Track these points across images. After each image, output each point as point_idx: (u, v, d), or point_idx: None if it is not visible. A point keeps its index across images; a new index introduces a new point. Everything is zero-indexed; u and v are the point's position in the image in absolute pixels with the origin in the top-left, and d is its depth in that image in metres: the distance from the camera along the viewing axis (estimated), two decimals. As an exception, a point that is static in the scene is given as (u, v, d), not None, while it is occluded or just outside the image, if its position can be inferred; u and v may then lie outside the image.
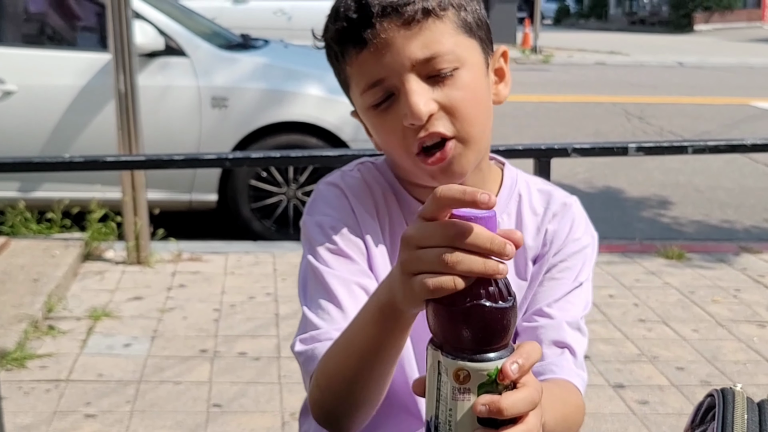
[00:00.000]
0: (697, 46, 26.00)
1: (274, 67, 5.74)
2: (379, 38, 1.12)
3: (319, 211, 1.27)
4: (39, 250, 4.72)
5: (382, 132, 1.20)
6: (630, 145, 2.15)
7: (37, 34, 5.81)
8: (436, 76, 1.14)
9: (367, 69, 1.14)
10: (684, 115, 11.34)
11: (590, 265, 1.34)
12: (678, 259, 5.10)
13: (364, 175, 1.31)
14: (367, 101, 1.18)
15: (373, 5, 1.12)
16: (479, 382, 0.83)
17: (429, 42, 1.13)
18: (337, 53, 1.20)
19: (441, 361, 0.84)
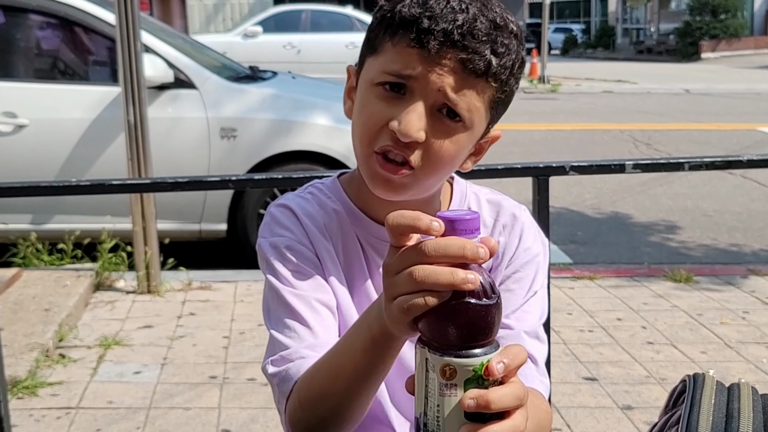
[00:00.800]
0: (704, 73, 26.06)
1: (282, 97, 5.81)
2: (436, 55, 1.13)
3: (272, 232, 1.30)
4: (51, 281, 4.77)
5: (367, 109, 1.20)
6: (627, 162, 2.18)
7: (49, 68, 5.89)
8: (444, 116, 1.17)
9: (407, 62, 1.15)
10: (691, 141, 11.36)
11: (543, 273, 1.35)
12: (686, 282, 5.11)
13: (315, 197, 1.34)
14: (381, 78, 1.18)
15: (459, 27, 1.12)
16: (465, 377, 0.85)
17: (463, 92, 1.15)
18: (389, 26, 1.18)
19: (428, 358, 0.87)
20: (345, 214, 1.32)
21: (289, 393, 1.17)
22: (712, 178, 8.57)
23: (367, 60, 1.24)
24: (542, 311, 1.33)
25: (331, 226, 1.30)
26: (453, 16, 1.13)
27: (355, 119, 1.24)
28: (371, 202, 1.30)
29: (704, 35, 34.68)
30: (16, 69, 5.67)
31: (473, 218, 0.87)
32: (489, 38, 1.14)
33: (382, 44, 1.19)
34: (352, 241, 1.30)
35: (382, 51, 1.19)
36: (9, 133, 5.24)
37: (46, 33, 5.92)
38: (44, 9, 5.54)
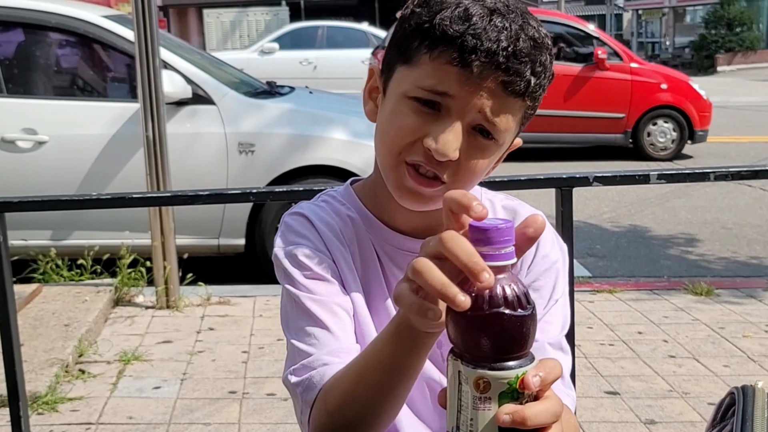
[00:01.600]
0: (721, 86, 25.93)
1: (300, 112, 5.82)
2: (480, 75, 1.11)
3: (288, 241, 1.28)
4: (70, 296, 4.78)
5: (399, 120, 1.17)
6: (651, 172, 2.16)
7: (68, 85, 5.94)
8: (479, 135, 1.15)
9: (446, 80, 1.12)
10: (710, 154, 11.31)
11: (564, 280, 1.31)
12: (707, 295, 5.07)
13: (329, 204, 1.33)
14: (415, 92, 1.15)
15: (503, 49, 1.10)
16: (500, 390, 0.83)
17: (501, 113, 1.13)
18: (428, 38, 1.14)
19: (461, 370, 0.85)
20: (360, 220, 1.30)
21: (314, 402, 1.14)
22: (731, 191, 8.52)
23: (398, 67, 1.20)
24: (564, 321, 1.30)
25: (346, 233, 1.28)
26: (497, 35, 1.10)
27: (384, 127, 1.21)
28: (387, 210, 1.28)
29: (720, 48, 34.59)
30: (35, 86, 5.72)
31: (507, 228, 0.85)
32: (530, 58, 1.12)
33: (417, 56, 1.15)
34: (367, 247, 1.29)
35: (417, 63, 1.16)
36: (29, 150, 5.27)
37: (65, 50, 5.97)
38: (64, 26, 5.58)
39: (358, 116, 5.98)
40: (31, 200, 2.21)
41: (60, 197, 2.26)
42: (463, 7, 1.12)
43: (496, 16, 1.12)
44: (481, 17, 1.11)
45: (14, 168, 5.27)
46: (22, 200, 2.23)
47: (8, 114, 5.35)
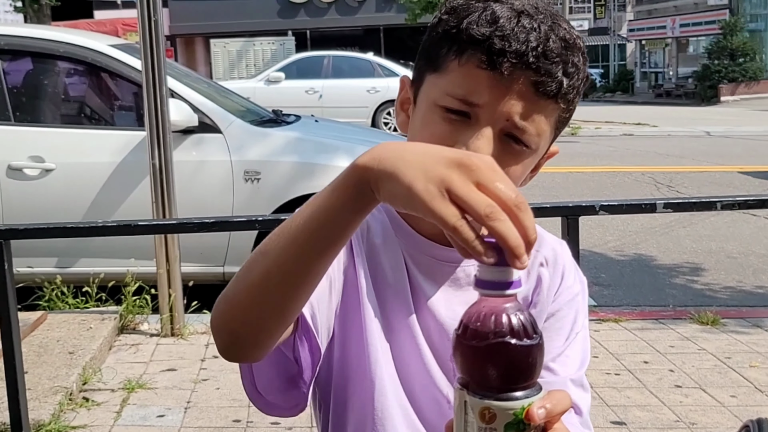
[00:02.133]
0: (724, 116, 26.02)
1: (305, 140, 5.84)
2: (510, 78, 1.09)
3: None
4: (75, 324, 4.78)
5: (429, 129, 1.14)
6: (658, 201, 2.16)
7: (75, 113, 5.98)
8: (511, 141, 1.12)
9: (475, 86, 1.10)
10: (713, 183, 11.32)
11: (584, 314, 1.30)
12: (712, 324, 5.06)
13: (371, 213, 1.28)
14: (445, 101, 1.13)
15: (533, 49, 1.08)
16: (506, 421, 0.82)
17: (533, 117, 1.11)
18: (456, 43, 1.12)
19: (467, 400, 0.83)
20: (390, 224, 1.26)
21: None
22: (736, 220, 8.51)
23: (427, 76, 1.17)
24: (584, 356, 1.27)
25: (375, 237, 1.24)
26: (525, 36, 1.08)
27: (415, 136, 1.17)
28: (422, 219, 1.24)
29: (723, 78, 34.71)
30: (43, 114, 5.75)
31: None
32: (561, 59, 1.10)
33: (446, 63, 1.13)
34: (396, 253, 1.24)
35: (446, 70, 1.13)
36: (36, 177, 5.30)
37: (73, 79, 6.02)
38: (72, 55, 5.62)
39: (364, 144, 6.01)
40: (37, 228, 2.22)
41: (65, 224, 2.27)
42: (490, 11, 1.11)
43: (524, 18, 1.10)
44: (508, 19, 1.10)
45: (21, 195, 5.30)
46: (28, 227, 2.24)
47: (16, 142, 5.38)
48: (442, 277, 1.23)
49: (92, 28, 19.13)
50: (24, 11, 17.22)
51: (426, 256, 1.23)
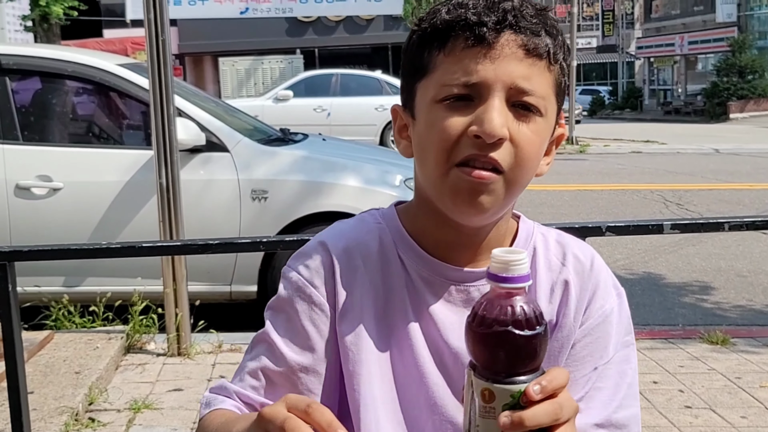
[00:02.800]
0: (733, 133, 25.99)
1: (313, 159, 5.84)
2: (498, 45, 1.09)
3: (297, 267, 1.22)
4: (82, 343, 4.77)
5: (437, 125, 1.11)
6: (665, 222, 2.15)
7: (83, 132, 5.99)
8: (521, 108, 1.10)
9: (468, 65, 1.09)
10: (723, 201, 11.28)
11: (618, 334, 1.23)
12: (722, 344, 5.02)
13: (363, 223, 1.27)
14: (444, 92, 1.11)
15: (509, 12, 1.10)
16: (503, 402, 0.88)
17: (533, 78, 1.10)
18: (435, 39, 1.13)
19: (473, 381, 0.90)
20: (393, 241, 1.22)
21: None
22: (745, 239, 8.47)
23: (418, 86, 1.17)
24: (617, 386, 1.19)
25: (371, 255, 1.21)
26: (498, 6, 1.10)
27: (424, 141, 1.15)
28: (428, 234, 1.21)
29: (732, 96, 34.70)
30: (51, 133, 5.76)
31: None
32: (539, 20, 1.11)
33: (432, 60, 1.13)
34: (396, 270, 1.21)
35: (434, 67, 1.13)
36: (43, 197, 5.30)
37: (81, 98, 6.03)
38: (80, 75, 5.64)
39: (371, 163, 6.01)
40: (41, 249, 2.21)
41: (70, 246, 2.27)
42: (455, 1, 1.13)
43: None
44: (473, 2, 1.12)
45: (29, 215, 5.30)
46: (32, 249, 2.23)
47: (23, 161, 5.39)
48: (456, 299, 1.20)
49: (101, 47, 19.24)
50: (34, 30, 17.33)
51: (434, 275, 1.20)
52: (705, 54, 42.10)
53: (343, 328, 1.19)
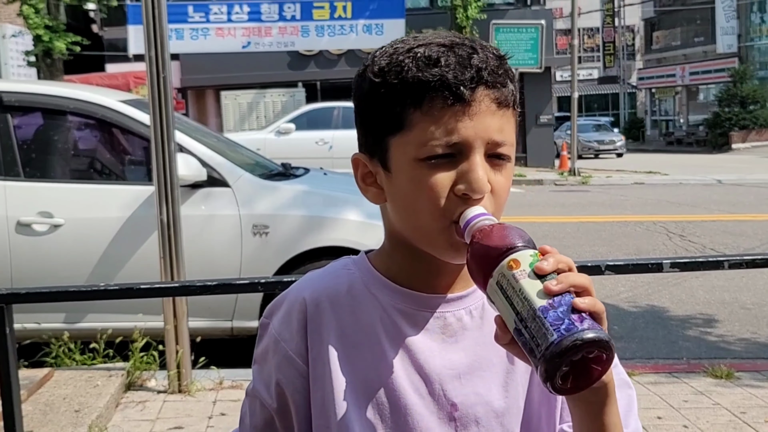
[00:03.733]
0: (736, 163, 26.02)
1: (314, 194, 5.84)
2: (474, 102, 1.12)
3: (271, 319, 1.26)
4: (82, 381, 4.74)
5: (425, 187, 1.14)
6: (665, 261, 2.13)
7: (84, 168, 6.00)
8: (496, 159, 1.15)
9: (448, 125, 1.12)
10: (726, 232, 11.26)
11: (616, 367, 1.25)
12: (727, 378, 4.98)
13: (331, 268, 1.29)
14: (426, 152, 1.13)
15: (482, 69, 1.12)
16: (528, 262, 1.01)
17: (504, 128, 1.15)
18: (407, 95, 1.14)
19: (498, 278, 1.02)
20: (362, 281, 1.24)
21: None
22: (749, 271, 8.42)
23: (391, 141, 1.17)
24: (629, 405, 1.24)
25: (337, 300, 1.23)
26: (470, 61, 1.13)
27: (410, 198, 1.17)
28: (402, 270, 1.23)
29: (734, 126, 34.78)
30: (52, 169, 5.77)
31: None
32: (502, 69, 1.15)
33: (407, 117, 1.14)
34: (367, 307, 1.22)
35: (411, 124, 1.14)
36: (44, 233, 5.30)
37: (82, 134, 6.05)
38: (81, 111, 5.66)
39: (372, 198, 6.00)
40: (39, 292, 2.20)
41: (68, 288, 2.26)
42: (422, 55, 1.14)
43: (456, 48, 1.14)
44: (445, 54, 1.13)
45: (30, 251, 5.29)
46: (30, 291, 2.22)
47: (25, 197, 5.39)
48: (434, 326, 1.21)
49: (104, 82, 19.33)
50: (37, 65, 17.42)
51: (414, 307, 1.22)
52: (706, 84, 42.28)
53: (315, 377, 1.21)
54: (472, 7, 20.77)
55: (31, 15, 16.40)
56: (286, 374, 1.22)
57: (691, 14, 42.83)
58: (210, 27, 19.00)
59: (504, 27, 21.70)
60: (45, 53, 16.70)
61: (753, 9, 38.98)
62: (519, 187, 19.38)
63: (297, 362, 1.22)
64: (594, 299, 0.99)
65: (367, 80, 1.20)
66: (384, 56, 1.18)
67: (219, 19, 19.00)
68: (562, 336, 0.93)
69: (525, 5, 25.10)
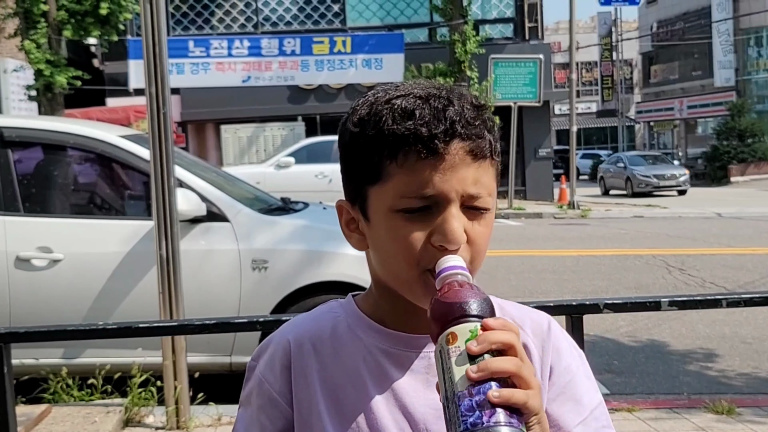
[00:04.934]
0: (735, 197, 26.05)
1: (313, 228, 5.84)
2: (449, 156, 1.13)
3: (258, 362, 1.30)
4: (80, 417, 4.71)
5: (401, 237, 1.16)
6: (663, 299, 2.14)
7: (84, 203, 6.01)
8: (473, 210, 1.17)
9: (422, 178, 1.14)
10: (725, 266, 11.24)
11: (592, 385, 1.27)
12: (728, 414, 4.95)
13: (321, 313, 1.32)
14: (402, 204, 1.16)
15: (456, 122, 1.14)
16: (465, 338, 0.98)
17: (480, 180, 1.16)
18: (384, 147, 1.16)
19: (438, 349, 1.01)
20: (348, 324, 1.27)
21: None
22: (749, 304, 8.41)
23: (368, 189, 1.20)
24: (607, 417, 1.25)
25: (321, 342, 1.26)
26: (444, 114, 1.14)
27: (387, 248, 1.19)
28: (387, 311, 1.25)
29: (732, 159, 34.86)
30: (52, 204, 5.78)
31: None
32: (480, 119, 1.17)
33: (383, 169, 1.17)
34: (351, 348, 1.25)
35: (387, 176, 1.16)
36: (44, 268, 5.30)
37: (82, 169, 6.07)
38: (81, 146, 5.68)
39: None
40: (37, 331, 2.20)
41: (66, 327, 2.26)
42: (398, 107, 1.16)
43: (432, 100, 1.16)
44: (420, 107, 1.15)
45: (29, 286, 5.29)
46: (28, 331, 2.22)
47: (24, 232, 5.40)
48: (418, 367, 1.23)
49: (105, 116, 19.40)
50: (38, 99, 17.51)
51: (398, 348, 1.24)
52: (704, 118, 42.47)
53: (299, 420, 1.24)
54: (470, 42, 20.85)
55: (32, 50, 16.51)
56: (270, 416, 1.25)
57: (688, 48, 43.13)
58: (210, 61, 19.14)
59: (503, 61, 21.86)
60: (46, 87, 16.79)
61: (750, 43, 39.26)
62: (518, 220, 19.39)
63: (281, 403, 1.25)
64: (512, 391, 0.97)
65: (348, 130, 1.22)
66: (364, 106, 1.21)
67: (219, 53, 19.15)
68: (466, 429, 0.94)
69: (523, 40, 25.25)
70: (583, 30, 55.05)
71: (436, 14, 23.03)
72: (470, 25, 21.31)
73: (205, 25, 25.36)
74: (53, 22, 16.79)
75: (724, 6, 38.69)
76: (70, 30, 16.86)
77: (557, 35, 54.20)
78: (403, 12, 25.45)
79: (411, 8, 25.44)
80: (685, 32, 42.85)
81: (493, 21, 25.66)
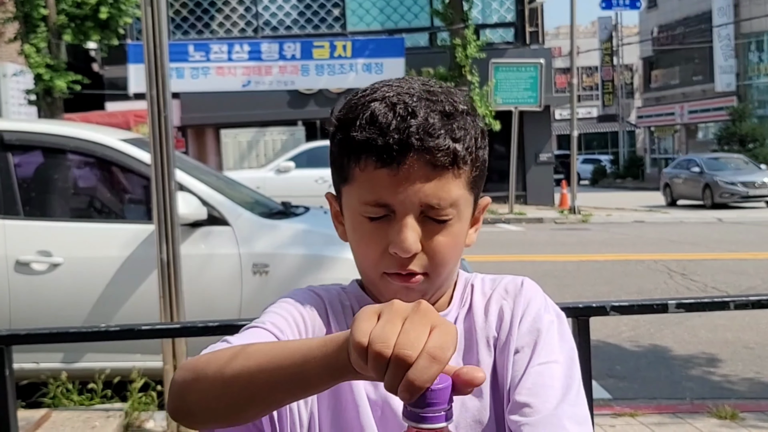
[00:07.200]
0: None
1: (314, 233, 5.82)
2: (404, 168, 1.14)
3: (295, 297, 1.31)
4: (79, 422, 4.69)
5: (364, 240, 1.22)
6: (670, 302, 2.11)
7: (84, 207, 5.98)
8: (431, 220, 1.18)
9: (380, 187, 1.16)
10: (727, 271, 11.22)
11: (564, 342, 1.23)
12: (731, 419, 4.93)
13: (331, 287, 1.36)
14: (362, 211, 1.20)
15: (413, 134, 1.14)
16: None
17: (441, 192, 1.16)
18: (350, 151, 1.19)
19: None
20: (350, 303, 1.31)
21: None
22: (753, 310, 8.37)
23: (342, 188, 1.25)
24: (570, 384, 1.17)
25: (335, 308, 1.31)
26: (404, 124, 1.14)
27: (355, 246, 1.25)
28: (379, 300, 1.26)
29: (733, 164, 34.81)
30: (52, 208, 5.75)
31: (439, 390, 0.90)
32: (444, 130, 1.16)
33: (350, 172, 1.20)
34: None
35: (352, 179, 1.21)
36: (43, 272, 5.27)
37: (82, 173, 6.04)
38: (82, 150, 5.66)
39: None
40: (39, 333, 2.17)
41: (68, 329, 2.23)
42: (369, 112, 1.17)
43: (399, 108, 1.16)
44: (384, 115, 1.16)
45: (29, 290, 5.26)
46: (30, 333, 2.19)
47: (24, 236, 5.37)
48: None
49: (104, 120, 19.37)
50: (37, 104, 17.50)
51: None
52: (705, 123, 42.44)
53: None
54: (471, 46, 20.85)
55: (32, 54, 16.51)
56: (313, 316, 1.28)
57: (689, 53, 43.12)
58: (210, 66, 19.15)
59: (503, 66, 21.86)
60: (45, 92, 16.79)
61: (751, 48, 39.26)
62: (519, 225, 19.38)
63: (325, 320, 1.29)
64: None
65: (331, 125, 1.26)
66: (345, 106, 1.24)
67: (219, 58, 19.15)
68: None
69: (524, 44, 25.28)
70: (583, 35, 55.12)
71: (436, 19, 23.06)
72: (471, 30, 21.31)
73: (205, 30, 25.40)
74: (53, 27, 16.79)
75: (725, 10, 38.69)
76: (70, 34, 16.86)
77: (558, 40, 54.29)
78: (404, 16, 25.49)
79: (411, 13, 25.48)
80: (685, 37, 42.85)
81: (493, 25, 25.70)
